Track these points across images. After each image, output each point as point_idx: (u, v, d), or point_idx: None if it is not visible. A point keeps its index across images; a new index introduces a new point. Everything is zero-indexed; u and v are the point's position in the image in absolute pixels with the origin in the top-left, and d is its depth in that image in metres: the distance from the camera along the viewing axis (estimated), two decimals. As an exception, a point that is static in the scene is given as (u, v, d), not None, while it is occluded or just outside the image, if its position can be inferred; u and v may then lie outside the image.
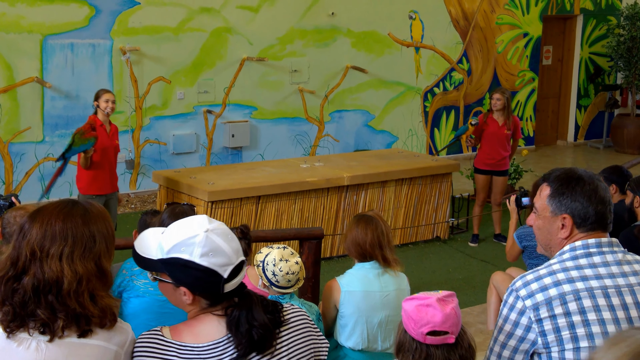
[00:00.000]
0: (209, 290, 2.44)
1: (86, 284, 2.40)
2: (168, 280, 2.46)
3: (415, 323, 2.94)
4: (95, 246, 2.46)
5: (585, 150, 16.13)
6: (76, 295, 2.38)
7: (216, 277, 2.40)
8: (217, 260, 2.40)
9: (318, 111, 13.00)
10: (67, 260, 2.39)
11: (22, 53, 10.47)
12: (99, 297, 2.42)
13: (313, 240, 6.01)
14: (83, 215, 2.48)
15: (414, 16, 13.71)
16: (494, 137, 9.40)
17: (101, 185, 7.75)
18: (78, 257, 2.41)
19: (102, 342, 2.42)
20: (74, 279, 2.38)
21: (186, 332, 2.48)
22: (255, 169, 9.23)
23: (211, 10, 11.80)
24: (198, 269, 2.38)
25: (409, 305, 2.99)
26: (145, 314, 4.26)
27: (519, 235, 5.98)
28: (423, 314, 2.94)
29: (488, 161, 9.49)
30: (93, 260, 2.44)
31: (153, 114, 11.53)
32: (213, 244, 2.40)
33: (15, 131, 10.53)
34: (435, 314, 2.93)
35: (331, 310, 4.61)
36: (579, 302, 2.69)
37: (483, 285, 7.67)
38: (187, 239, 2.41)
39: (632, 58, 15.31)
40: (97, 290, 2.43)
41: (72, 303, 2.37)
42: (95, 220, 2.50)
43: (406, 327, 3.00)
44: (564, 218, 2.85)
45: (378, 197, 9.13)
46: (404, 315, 3.01)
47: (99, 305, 2.41)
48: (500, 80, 14.96)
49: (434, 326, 2.93)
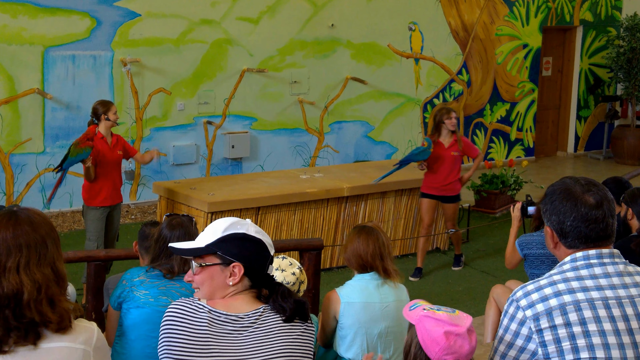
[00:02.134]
0: (259, 264, 2.75)
1: (45, 290, 2.39)
2: (217, 262, 2.71)
3: (441, 349, 2.92)
4: (48, 251, 2.45)
5: (586, 161, 16.14)
6: (36, 303, 2.36)
7: (266, 251, 2.75)
8: (266, 238, 2.77)
9: (318, 122, 13.02)
10: (24, 271, 2.38)
11: (24, 64, 10.49)
12: (57, 301, 2.41)
13: (313, 251, 6.00)
14: (30, 223, 2.46)
15: (413, 27, 13.74)
16: (439, 160, 8.66)
17: (105, 197, 7.77)
18: (35, 265, 2.40)
19: (67, 343, 2.43)
20: (34, 288, 2.37)
21: (220, 304, 2.73)
22: (255, 179, 9.24)
23: (211, 22, 11.83)
24: (253, 241, 2.73)
25: (436, 329, 2.94)
26: (145, 325, 4.25)
27: (520, 243, 5.95)
28: (452, 342, 2.92)
29: (433, 185, 8.76)
30: (49, 266, 2.44)
31: (153, 125, 11.55)
32: (259, 229, 2.77)
33: (16, 142, 10.54)
34: (463, 345, 2.93)
35: (331, 321, 4.61)
36: (580, 313, 2.69)
37: (483, 297, 7.66)
38: (239, 221, 2.76)
39: (632, 69, 15.34)
40: (56, 295, 2.42)
41: (31, 313, 2.36)
42: (41, 225, 2.48)
43: (425, 347, 2.96)
44: (548, 230, 2.88)
45: (378, 208, 9.13)
46: (426, 333, 2.96)
47: (58, 311, 2.40)
48: (500, 91, 14.99)
49: (459, 357, 2.92)
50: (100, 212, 7.77)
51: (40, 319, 2.37)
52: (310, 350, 2.76)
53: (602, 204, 2.80)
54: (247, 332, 2.67)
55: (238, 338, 2.66)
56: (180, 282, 4.36)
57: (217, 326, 2.65)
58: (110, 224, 7.94)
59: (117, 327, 4.46)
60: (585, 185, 2.83)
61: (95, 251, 6.45)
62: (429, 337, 2.95)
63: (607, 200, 2.82)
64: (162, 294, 4.31)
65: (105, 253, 5.85)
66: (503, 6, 14.76)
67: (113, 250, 6.72)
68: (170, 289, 4.33)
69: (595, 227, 2.79)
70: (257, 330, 2.68)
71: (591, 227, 2.79)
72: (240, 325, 2.67)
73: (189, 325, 2.62)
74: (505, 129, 15.26)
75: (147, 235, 4.83)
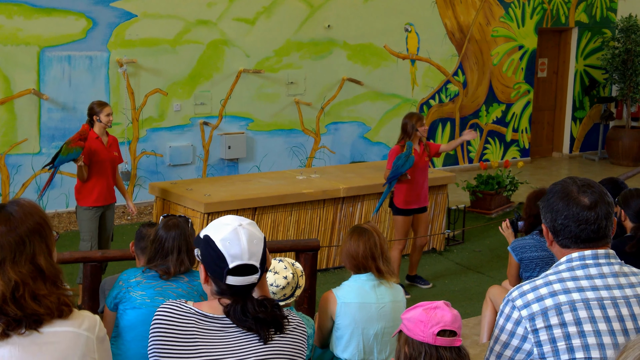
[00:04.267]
0: (215, 274, 2.68)
1: (23, 287, 2.43)
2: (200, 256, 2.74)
3: (425, 324, 3.00)
4: (26, 248, 2.47)
5: (581, 162, 16.17)
6: (13, 301, 2.40)
7: (222, 262, 2.65)
8: (231, 250, 2.65)
9: (314, 123, 13.03)
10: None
11: (20, 65, 10.49)
12: (41, 296, 2.45)
13: (309, 252, 6.02)
14: (7, 222, 2.49)
15: (409, 29, 13.75)
16: (416, 168, 8.14)
17: (98, 197, 7.75)
18: (9, 264, 2.44)
19: (71, 328, 2.49)
20: (7, 288, 2.41)
21: (206, 306, 2.73)
22: (252, 180, 9.24)
23: (208, 22, 11.83)
24: (213, 249, 2.66)
25: (414, 312, 3.06)
26: (142, 326, 4.26)
27: (514, 248, 5.92)
28: (432, 315, 3.02)
29: (411, 197, 8.17)
30: (28, 262, 2.47)
31: (150, 126, 11.54)
32: (235, 237, 2.66)
33: (12, 143, 10.54)
34: (444, 314, 3.03)
35: (327, 322, 4.62)
36: (575, 313, 2.70)
37: (479, 297, 7.68)
38: (221, 224, 2.71)
39: (627, 70, 15.37)
40: (39, 289, 2.45)
41: (10, 310, 2.40)
42: (21, 222, 2.50)
43: (412, 334, 3.04)
44: (543, 227, 2.92)
45: (374, 208, 9.14)
46: (408, 323, 3.06)
47: (44, 304, 2.44)
48: (495, 92, 15.01)
49: (444, 325, 3.00)
50: (92, 212, 7.74)
51: (26, 313, 2.41)
52: (299, 350, 2.75)
53: (595, 206, 2.80)
54: (234, 331, 2.68)
55: (226, 338, 2.67)
56: (177, 282, 4.37)
57: (203, 328, 2.67)
58: (104, 224, 7.91)
59: (113, 328, 4.47)
60: (582, 186, 2.84)
61: (92, 252, 6.45)
62: (413, 322, 3.04)
63: (603, 202, 2.82)
64: (158, 295, 4.32)
65: (102, 254, 5.85)
66: (499, 7, 14.79)
67: (109, 251, 6.71)
68: (167, 289, 4.34)
69: (586, 228, 2.80)
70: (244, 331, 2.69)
71: (581, 228, 2.80)
72: (226, 326, 2.68)
73: (177, 326, 2.66)
74: (501, 130, 15.28)
75: (144, 236, 4.84)
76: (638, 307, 2.75)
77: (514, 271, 6.01)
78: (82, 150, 7.49)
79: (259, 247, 2.70)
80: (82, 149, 7.49)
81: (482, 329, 6.47)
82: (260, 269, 2.70)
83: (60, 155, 7.57)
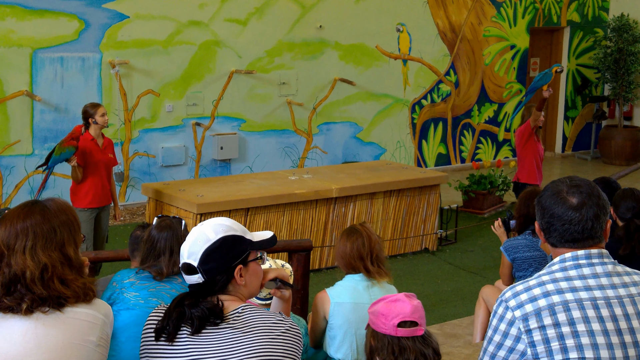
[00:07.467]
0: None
1: (52, 270, 2.69)
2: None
3: (386, 317, 3.15)
4: (57, 237, 2.75)
5: (573, 161, 16.20)
6: (42, 282, 2.66)
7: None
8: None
9: (306, 123, 13.03)
10: (30, 253, 2.69)
11: (12, 67, 10.47)
12: (69, 280, 2.71)
13: (302, 252, 6.03)
14: (42, 212, 2.77)
15: (401, 29, 13.77)
16: None
17: (92, 199, 7.76)
18: (41, 248, 2.71)
19: (92, 310, 2.76)
20: (37, 268, 2.67)
21: None
22: (244, 181, 9.24)
23: (200, 23, 11.83)
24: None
25: (377, 306, 3.22)
26: (135, 327, 4.24)
27: (506, 249, 5.92)
28: (392, 307, 3.17)
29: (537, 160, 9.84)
30: (57, 250, 2.74)
31: (142, 127, 11.54)
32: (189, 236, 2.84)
33: (5, 144, 10.52)
34: (404, 306, 3.18)
35: (321, 322, 4.63)
36: (568, 313, 2.70)
37: (472, 297, 7.69)
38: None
39: (619, 70, 15.41)
40: (67, 275, 2.72)
41: (37, 289, 2.65)
42: (55, 215, 2.78)
43: (376, 327, 3.20)
44: (536, 225, 2.94)
45: (366, 209, 9.15)
46: (373, 317, 3.22)
47: (72, 288, 2.70)
48: (487, 92, 15.03)
49: (404, 316, 3.16)
50: (87, 214, 7.75)
51: (52, 293, 2.66)
52: (293, 351, 2.71)
53: (582, 207, 2.79)
54: (227, 331, 2.69)
55: (218, 338, 2.68)
56: (170, 283, 4.37)
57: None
58: (99, 226, 7.92)
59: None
60: (572, 186, 2.83)
61: (85, 253, 6.44)
62: (376, 316, 3.19)
63: (592, 203, 2.80)
64: (152, 296, 4.31)
65: (95, 255, 5.85)
66: (490, 7, 14.81)
67: (102, 252, 6.71)
68: (160, 290, 4.34)
69: (569, 228, 2.80)
70: (237, 330, 2.68)
71: (565, 227, 2.80)
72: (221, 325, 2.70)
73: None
74: (493, 130, 15.31)
75: (138, 237, 4.84)
76: (632, 307, 2.75)
77: (507, 271, 6.02)
78: (76, 150, 7.50)
79: (201, 247, 2.76)
80: (75, 148, 7.49)
81: (475, 329, 6.48)
82: (200, 270, 2.75)
83: (54, 156, 7.58)
